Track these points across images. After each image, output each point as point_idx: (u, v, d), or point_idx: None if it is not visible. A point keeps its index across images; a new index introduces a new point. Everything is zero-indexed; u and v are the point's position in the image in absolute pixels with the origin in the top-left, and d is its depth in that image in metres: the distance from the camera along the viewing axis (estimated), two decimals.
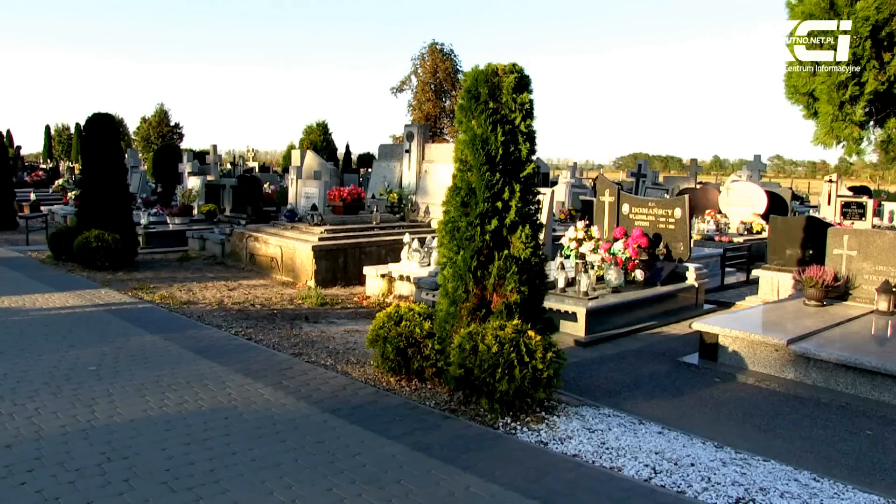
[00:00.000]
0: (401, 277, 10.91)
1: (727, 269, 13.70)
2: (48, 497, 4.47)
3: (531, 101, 6.38)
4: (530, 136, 6.39)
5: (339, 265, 12.31)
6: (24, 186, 28.42)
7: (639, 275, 10.16)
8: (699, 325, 8.05)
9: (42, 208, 22.34)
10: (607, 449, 5.43)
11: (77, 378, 6.83)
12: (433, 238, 11.09)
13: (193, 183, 21.27)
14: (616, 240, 10.71)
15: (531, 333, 5.91)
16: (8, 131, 56.99)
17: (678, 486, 4.83)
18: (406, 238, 11.35)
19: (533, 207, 6.47)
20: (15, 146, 41.90)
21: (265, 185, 20.52)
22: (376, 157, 18.90)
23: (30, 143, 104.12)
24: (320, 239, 12.41)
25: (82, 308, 9.98)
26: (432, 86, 52.84)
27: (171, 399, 6.29)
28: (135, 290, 11.35)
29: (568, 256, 10.73)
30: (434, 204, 14.37)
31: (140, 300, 10.59)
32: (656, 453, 5.37)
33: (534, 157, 6.49)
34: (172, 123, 68.77)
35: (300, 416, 5.93)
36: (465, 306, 6.35)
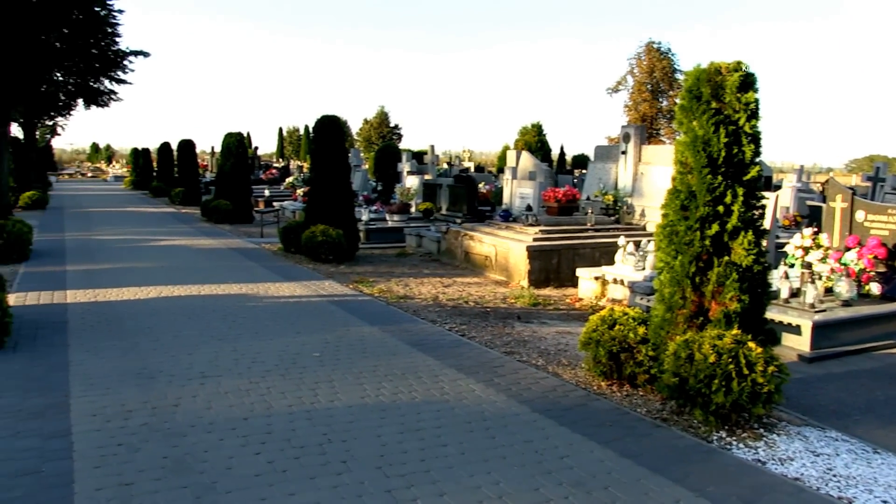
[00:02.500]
0: (614, 281, 10.75)
1: None
2: (277, 469, 4.86)
3: (756, 101, 6.07)
4: (755, 138, 6.08)
5: (552, 266, 12.33)
6: (260, 184, 30.71)
7: (874, 288, 9.37)
8: None
9: (274, 204, 24.14)
10: (835, 476, 5.03)
11: (302, 362, 7.34)
12: (649, 241, 10.84)
13: (411, 182, 22.10)
14: (848, 249, 9.94)
15: (751, 345, 5.63)
16: (248, 133, 62.10)
17: None
18: (621, 241, 11.16)
19: (756, 212, 6.15)
20: (253, 146, 45.45)
21: (480, 185, 20.91)
22: (591, 158, 18.73)
23: (265, 144, 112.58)
24: (534, 239, 12.49)
25: (308, 298, 10.68)
26: (649, 86, 51.58)
27: (387, 388, 6.59)
28: (355, 283, 11.98)
29: (793, 265, 10.09)
30: (650, 207, 14.04)
31: (360, 293, 11.18)
32: None
33: (758, 160, 6.18)
34: (392, 124, 71.81)
35: (510, 414, 6.02)
36: (681, 313, 6.16)
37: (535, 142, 38.33)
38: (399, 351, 7.86)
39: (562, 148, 48.31)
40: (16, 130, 30.21)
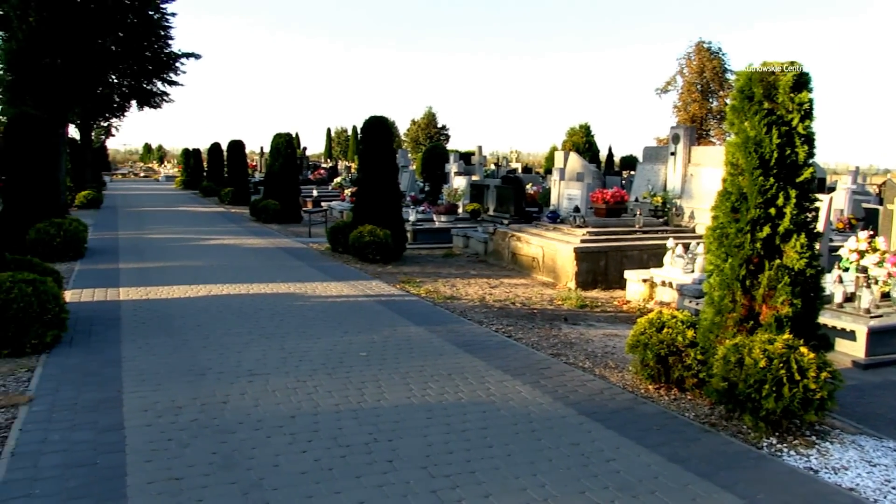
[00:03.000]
0: (663, 283, 10.63)
1: None
2: (323, 467, 4.90)
3: (811, 101, 5.95)
4: (809, 139, 5.96)
5: (599, 268, 12.24)
6: (308, 184, 31.00)
7: None
8: None
9: (322, 204, 24.35)
10: (894, 489, 4.89)
11: (349, 362, 7.39)
12: (698, 244, 10.70)
13: (459, 183, 22.12)
14: None
15: (803, 350, 5.52)
16: (296, 134, 62.75)
17: None
18: (670, 243, 11.03)
19: (809, 215, 6.03)
20: (301, 147, 45.95)
21: (527, 186, 20.83)
22: (639, 159, 18.55)
23: (313, 145, 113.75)
24: (582, 241, 12.41)
25: (355, 297, 10.76)
26: (698, 86, 50.93)
27: (433, 389, 6.60)
28: (402, 283, 12.03)
29: (847, 269, 9.86)
30: (699, 208, 13.86)
31: (407, 293, 11.22)
32: None
33: (811, 161, 6.05)
34: (440, 125, 71.95)
35: (556, 416, 5.99)
36: (731, 316, 6.06)
37: (582, 143, 38.11)
38: (445, 351, 7.87)
39: (610, 149, 47.95)
40: (73, 132, 30.94)
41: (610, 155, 47.18)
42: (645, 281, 10.99)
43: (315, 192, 27.64)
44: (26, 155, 14.41)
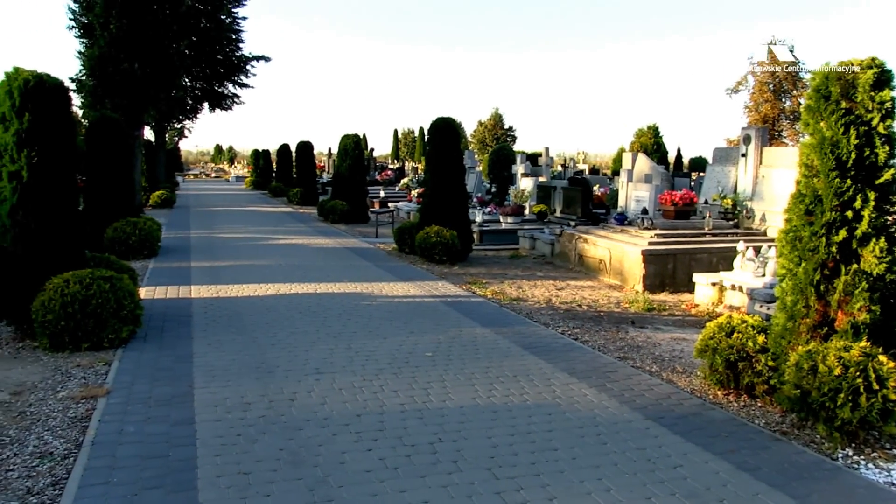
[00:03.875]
0: (732, 287, 10.41)
1: None
2: (388, 466, 4.94)
3: (892, 100, 5.75)
4: (890, 139, 5.77)
5: (667, 270, 12.05)
6: (375, 185, 31.25)
7: None
8: None
9: (389, 204, 24.52)
10: None
11: (415, 362, 7.43)
12: (769, 247, 10.44)
13: (525, 184, 22.03)
14: None
15: (882, 359, 5.34)
16: (364, 135, 63.36)
17: None
18: (740, 246, 10.80)
19: (890, 218, 5.83)
20: (369, 148, 46.41)
21: (594, 188, 20.63)
22: (709, 160, 18.19)
23: (380, 146, 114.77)
24: (650, 243, 12.24)
25: (421, 298, 10.81)
26: (771, 86, 49.68)
27: (499, 390, 6.59)
28: (468, 284, 12.04)
29: None
30: (771, 211, 13.52)
31: (473, 294, 11.22)
32: None
33: (893, 162, 5.85)
34: (507, 126, 71.80)
35: (622, 420, 5.92)
36: (804, 322, 5.90)
37: (650, 144, 37.58)
38: (511, 353, 7.85)
39: (678, 150, 47.16)
40: (147, 133, 31.81)
41: (678, 156, 46.41)
42: (714, 284, 10.77)
43: (382, 193, 27.85)
44: (105, 156, 14.89)
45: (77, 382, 6.62)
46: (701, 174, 26.23)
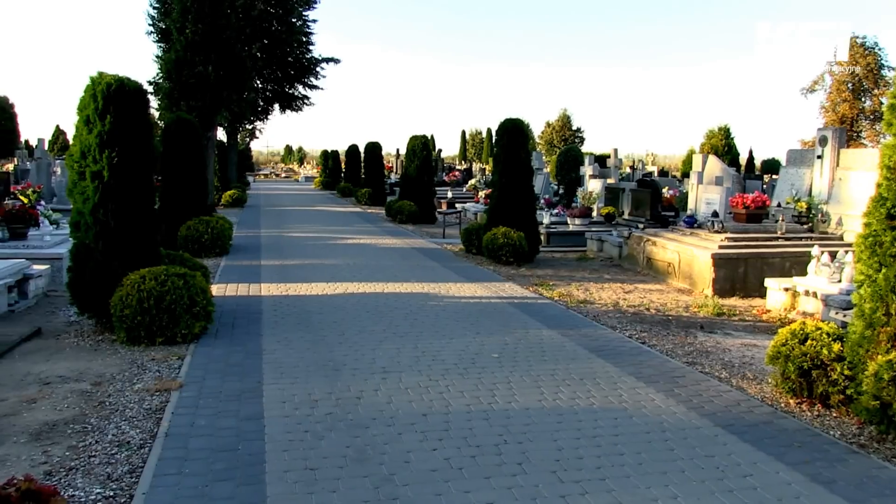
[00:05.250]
0: (806, 293, 10.13)
1: None
2: (453, 466, 4.96)
3: None
4: None
5: (738, 275, 11.80)
6: (443, 185, 31.31)
7: None
8: None
9: (456, 205, 24.56)
10: None
11: (481, 363, 7.43)
12: (846, 252, 10.13)
13: (593, 185, 21.82)
14: None
15: None
16: (431, 136, 63.65)
17: None
18: (815, 251, 10.50)
19: None
20: (436, 149, 46.60)
21: (663, 190, 20.31)
22: (783, 162, 17.75)
23: (448, 147, 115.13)
24: (720, 246, 12.00)
25: (488, 299, 10.80)
26: (849, 85, 48.13)
27: (565, 393, 6.55)
28: (535, 285, 11.98)
29: None
30: (848, 215, 13.12)
31: (540, 296, 11.17)
32: None
33: None
34: (574, 127, 71.22)
35: (690, 426, 5.82)
36: (884, 331, 5.71)
37: (721, 145, 36.91)
38: (578, 356, 7.79)
39: (750, 152, 46.22)
40: (220, 134, 32.54)
41: (750, 158, 45.46)
42: (787, 290, 10.51)
43: (449, 194, 27.92)
44: (180, 157, 15.30)
45: (152, 375, 6.82)
46: (773, 176, 25.64)
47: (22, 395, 6.24)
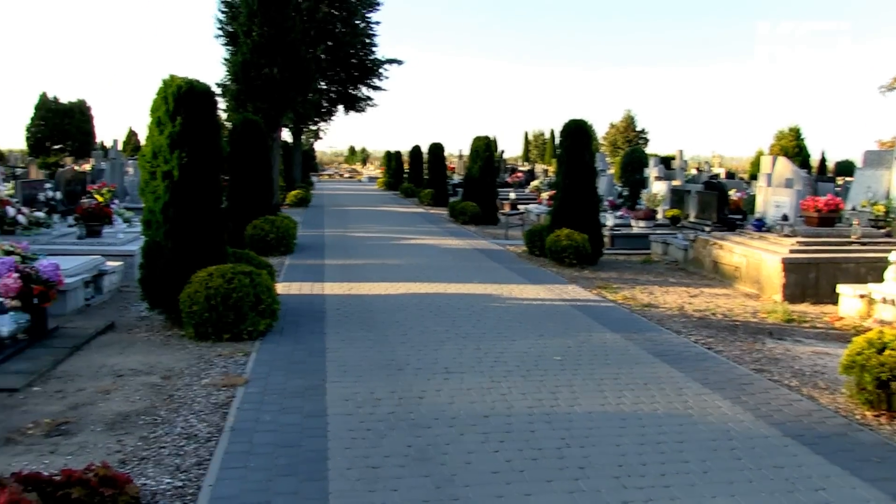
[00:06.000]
0: (883, 300, 9.80)
1: None
2: (514, 468, 4.92)
3: None
4: None
5: (809, 280, 11.48)
6: (506, 186, 31.20)
7: None
8: None
9: (519, 207, 24.46)
10: None
11: (543, 365, 7.37)
12: None
13: (658, 188, 21.51)
14: None
15: None
16: (494, 137, 63.52)
17: None
18: (893, 256, 10.14)
19: None
20: (499, 150, 46.54)
21: (730, 192, 19.92)
22: (858, 164, 17.25)
23: (511, 148, 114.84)
24: (790, 251, 11.70)
25: (551, 301, 10.72)
26: None
27: (628, 398, 6.45)
28: (598, 288, 11.85)
29: None
30: None
31: (603, 299, 11.04)
32: None
33: None
34: (638, 129, 70.36)
35: (758, 435, 5.66)
36: None
37: (792, 147, 36.05)
38: (642, 360, 7.67)
39: (822, 153, 45.01)
40: (285, 135, 33.03)
41: (822, 160, 44.28)
42: (862, 297, 10.18)
43: (512, 195, 27.79)
44: (247, 157, 15.57)
45: (219, 371, 6.95)
46: (848, 179, 24.92)
47: (98, 386, 6.43)
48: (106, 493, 3.80)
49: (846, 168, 37.80)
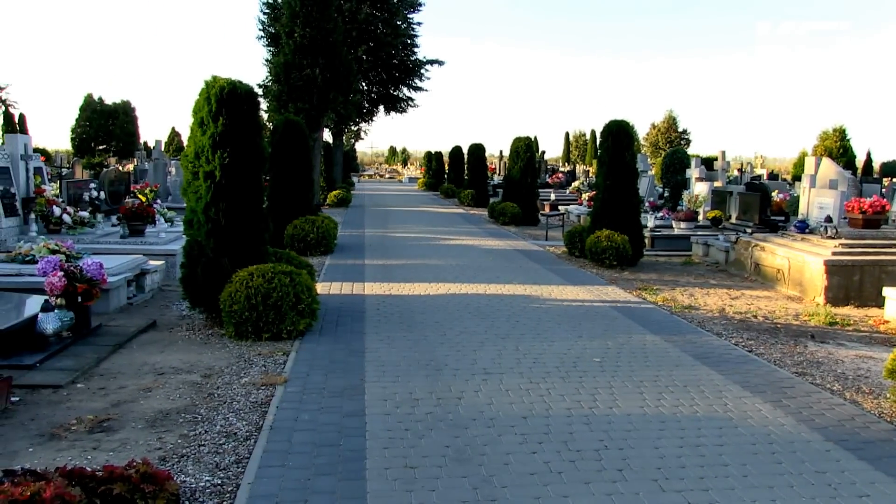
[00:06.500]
0: None
1: None
2: (553, 469, 4.93)
3: None
4: None
5: (852, 283, 11.30)
6: (546, 187, 31.12)
7: None
8: None
9: (559, 207, 24.36)
10: None
11: (582, 367, 7.36)
12: None
13: (700, 189, 21.28)
14: None
15: None
16: (535, 137, 63.33)
17: None
18: None
19: None
20: (540, 151, 46.41)
21: (773, 194, 19.63)
22: None
23: (551, 148, 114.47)
24: (833, 253, 11.52)
25: (590, 302, 10.69)
26: None
27: (667, 400, 6.42)
28: (639, 290, 11.79)
29: None
30: None
31: (643, 300, 10.98)
32: None
33: None
34: (680, 129, 69.62)
35: (799, 440, 5.60)
36: None
37: (836, 147, 35.41)
38: (682, 362, 7.63)
39: (868, 154, 44.15)
40: (326, 135, 33.28)
41: (868, 160, 43.43)
42: None
43: (553, 196, 27.72)
44: (288, 157, 15.73)
45: (258, 370, 7.05)
46: (894, 180, 24.43)
47: (139, 384, 6.57)
48: (147, 489, 3.89)
49: (893, 169, 37.06)
